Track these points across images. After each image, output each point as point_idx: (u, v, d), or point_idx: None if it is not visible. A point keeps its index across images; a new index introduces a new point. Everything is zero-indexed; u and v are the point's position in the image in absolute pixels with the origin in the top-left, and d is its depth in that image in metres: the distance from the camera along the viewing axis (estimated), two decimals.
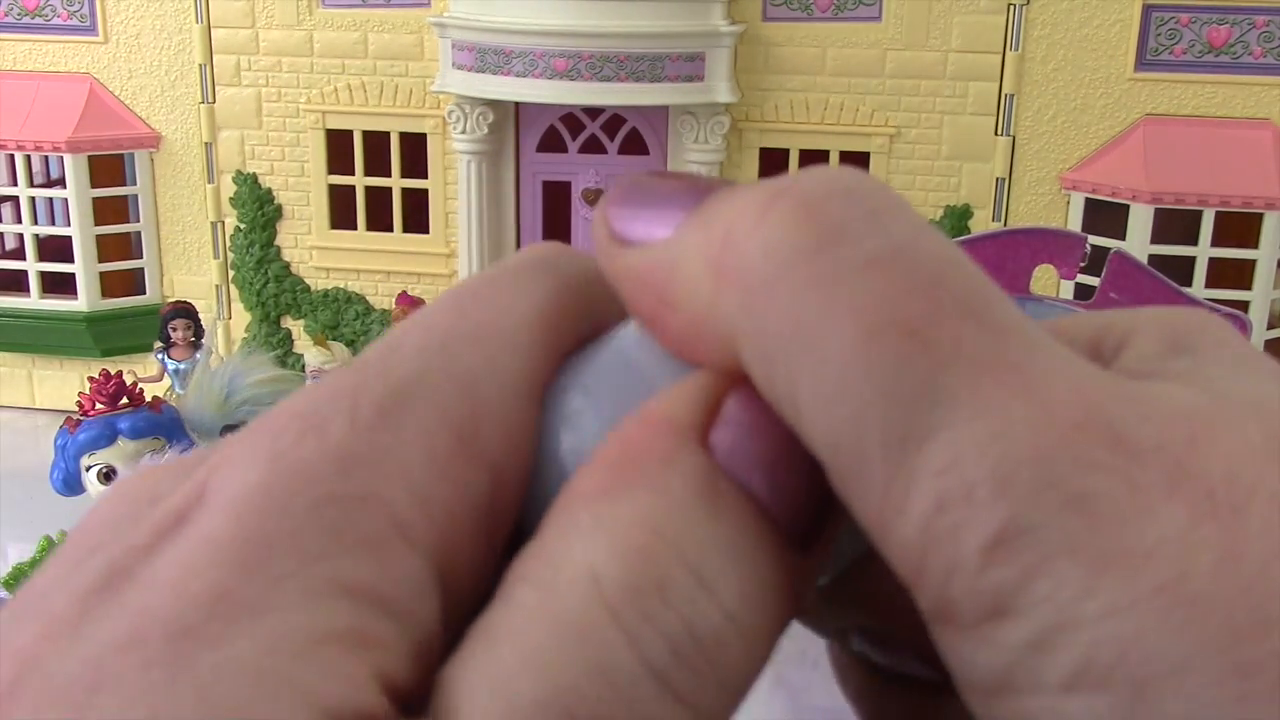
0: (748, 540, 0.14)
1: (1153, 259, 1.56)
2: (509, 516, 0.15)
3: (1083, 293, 1.40)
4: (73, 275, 1.86)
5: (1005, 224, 1.69)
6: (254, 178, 1.83)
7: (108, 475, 1.37)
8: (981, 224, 1.69)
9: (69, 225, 1.84)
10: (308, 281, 1.86)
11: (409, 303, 1.58)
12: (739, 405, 0.15)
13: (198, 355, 1.63)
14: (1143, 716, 0.12)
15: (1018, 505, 0.13)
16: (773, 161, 1.72)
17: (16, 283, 1.90)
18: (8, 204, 1.89)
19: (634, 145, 1.74)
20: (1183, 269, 1.58)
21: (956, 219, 1.69)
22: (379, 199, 1.82)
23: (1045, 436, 0.13)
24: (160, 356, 1.65)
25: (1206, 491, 0.13)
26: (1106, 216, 1.62)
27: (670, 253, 0.16)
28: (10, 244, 1.95)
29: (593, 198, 1.76)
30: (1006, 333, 0.14)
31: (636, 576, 0.14)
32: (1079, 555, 0.13)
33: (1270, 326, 1.65)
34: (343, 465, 0.14)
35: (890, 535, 0.14)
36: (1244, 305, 1.56)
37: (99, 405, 1.40)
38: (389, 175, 1.80)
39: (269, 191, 1.83)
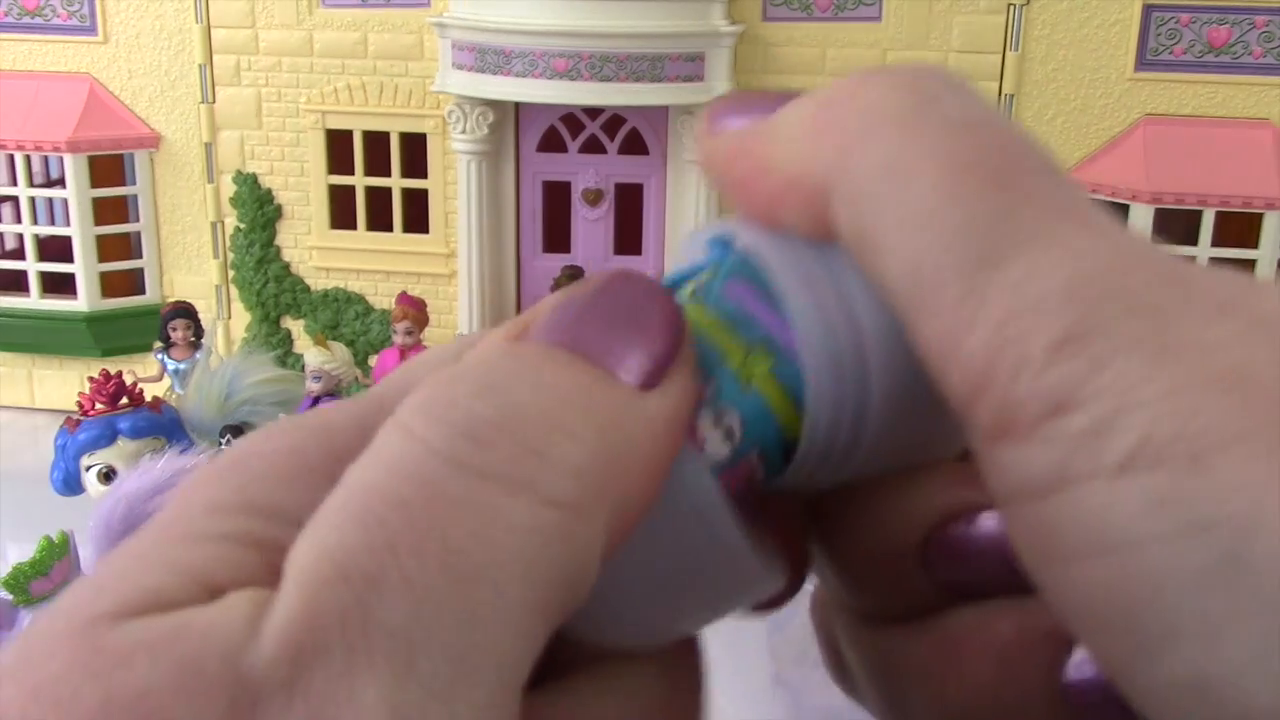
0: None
1: None
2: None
3: None
4: (73, 275, 1.86)
5: None
6: (254, 178, 1.83)
7: (108, 475, 1.37)
8: None
9: (69, 225, 1.84)
10: (308, 281, 1.86)
11: (409, 303, 1.58)
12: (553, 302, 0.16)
13: (198, 355, 1.63)
14: (1194, 488, 0.13)
15: (1085, 309, 0.14)
16: None
17: (16, 283, 1.89)
18: (8, 204, 1.89)
19: (634, 145, 1.74)
20: None
21: None
22: (379, 199, 1.82)
23: (1113, 261, 0.14)
24: (160, 356, 1.65)
25: (1259, 317, 0.14)
26: None
27: (771, 124, 0.17)
28: (10, 244, 1.95)
29: (593, 198, 1.76)
30: (1077, 193, 0.15)
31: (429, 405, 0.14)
32: (1142, 348, 0.14)
33: None
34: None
35: (958, 350, 0.14)
36: None
37: (99, 405, 1.40)
38: (389, 175, 1.80)
39: (269, 191, 1.83)
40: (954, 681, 0.19)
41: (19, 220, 1.87)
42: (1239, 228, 1.59)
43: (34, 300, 1.88)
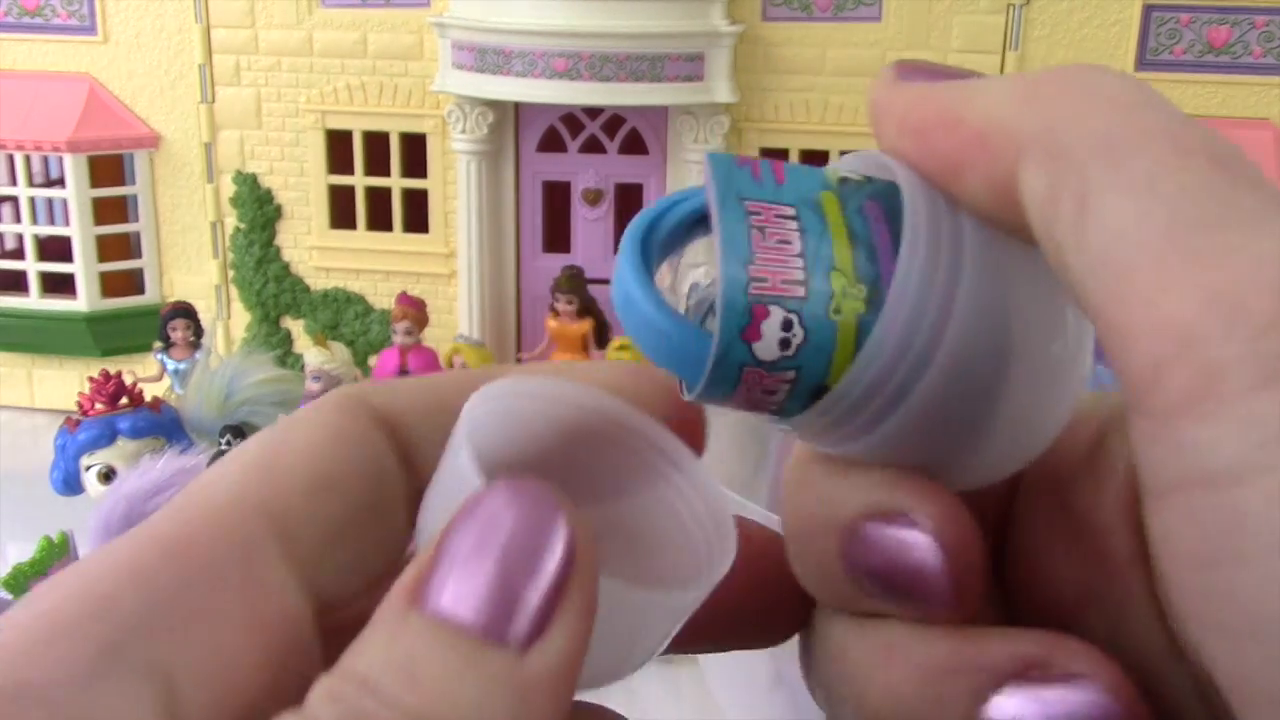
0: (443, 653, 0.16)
1: None
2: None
3: None
4: (73, 275, 1.86)
5: None
6: (254, 178, 1.83)
7: (108, 475, 1.37)
8: None
9: (69, 225, 1.84)
10: (307, 281, 1.86)
11: (409, 303, 1.58)
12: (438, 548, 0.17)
13: (198, 355, 1.63)
14: None
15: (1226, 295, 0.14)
16: None
17: (16, 283, 1.89)
18: (8, 204, 1.89)
19: (634, 145, 1.74)
20: None
21: None
22: (379, 199, 1.82)
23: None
24: (160, 356, 1.65)
25: None
26: None
27: (972, 84, 0.18)
28: (10, 244, 1.95)
29: (593, 198, 1.76)
30: (1260, 182, 0.16)
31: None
32: None
33: None
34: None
35: (1159, 309, 0.14)
36: None
37: (99, 405, 1.40)
38: (389, 175, 1.80)
39: (269, 191, 1.83)
40: (878, 688, 0.19)
41: (19, 220, 1.87)
42: None
43: (34, 300, 1.88)
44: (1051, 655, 0.17)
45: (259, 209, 1.83)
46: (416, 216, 1.82)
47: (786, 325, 0.18)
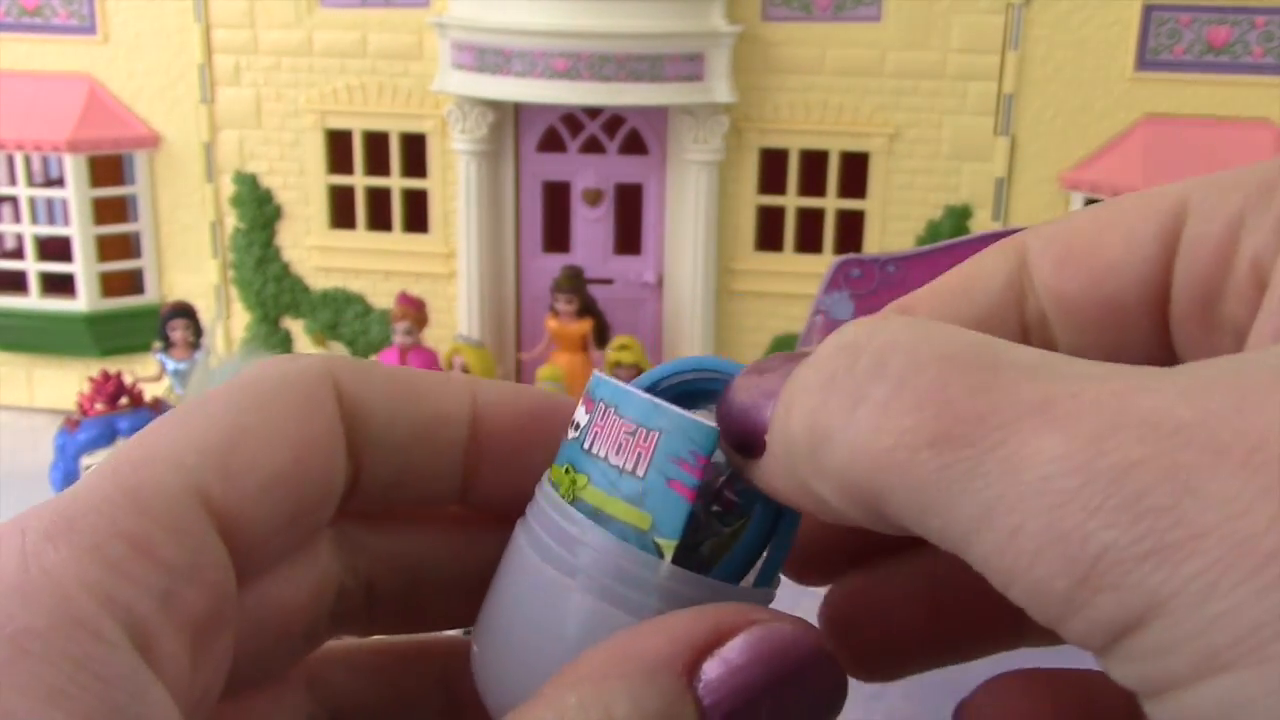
0: None
1: None
2: (202, 597, 0.18)
3: None
4: (73, 275, 1.86)
5: (1005, 224, 1.69)
6: (254, 178, 1.83)
7: None
8: (981, 224, 1.69)
9: (69, 225, 1.84)
10: (307, 281, 1.86)
11: (409, 303, 1.58)
12: (737, 649, 0.18)
13: (197, 355, 1.63)
14: (1262, 682, 0.13)
15: (1084, 542, 0.14)
16: (772, 161, 1.72)
17: (16, 283, 1.89)
18: (8, 204, 1.89)
19: (634, 145, 1.74)
20: None
21: (956, 219, 1.69)
22: (379, 199, 1.82)
23: (1096, 462, 0.14)
24: (160, 356, 1.65)
25: (1252, 448, 0.14)
26: None
27: (772, 446, 0.19)
28: (10, 244, 1.95)
29: (593, 198, 1.76)
30: (1005, 385, 0.15)
31: None
32: (1160, 561, 0.14)
33: None
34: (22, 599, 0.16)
35: (1012, 593, 0.15)
36: None
37: (99, 405, 1.40)
38: (389, 175, 1.80)
39: (269, 191, 1.83)
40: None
41: (19, 220, 1.87)
42: None
43: (34, 300, 1.88)
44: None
45: (259, 209, 1.83)
46: (416, 216, 1.82)
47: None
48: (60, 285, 1.88)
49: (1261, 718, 0.13)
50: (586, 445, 0.21)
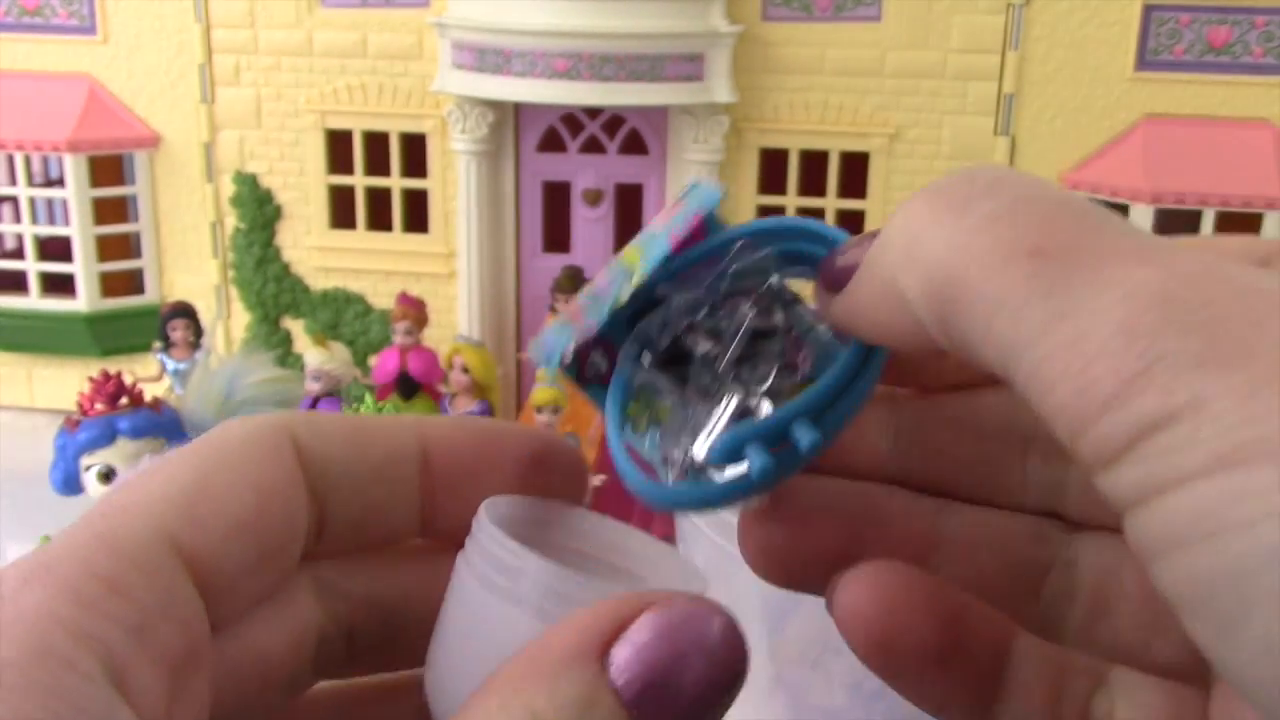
0: None
1: None
2: (175, 633, 0.19)
3: None
4: (73, 275, 1.86)
5: None
6: (254, 178, 1.83)
7: (108, 475, 1.37)
8: None
9: (69, 225, 1.84)
10: (307, 281, 1.86)
11: (409, 303, 1.58)
12: (641, 629, 0.19)
13: (198, 355, 1.63)
14: (1266, 481, 0.15)
15: (1145, 343, 0.16)
16: (772, 161, 1.72)
17: (16, 283, 1.89)
18: (8, 204, 1.89)
19: (634, 145, 1.74)
20: None
21: None
22: (379, 199, 1.82)
23: (1163, 287, 0.16)
24: (160, 356, 1.65)
25: None
26: None
27: (867, 263, 0.21)
28: (10, 244, 1.95)
29: (593, 198, 1.76)
30: (1110, 232, 0.17)
31: None
32: (1203, 366, 0.15)
33: None
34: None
35: (1051, 400, 0.17)
36: None
37: (99, 405, 1.40)
38: (389, 175, 1.80)
39: (269, 191, 1.83)
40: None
41: (19, 220, 1.87)
42: (1239, 228, 1.59)
43: (33, 300, 1.88)
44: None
45: (259, 209, 1.83)
46: (416, 216, 1.82)
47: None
48: (60, 285, 1.88)
49: (1262, 509, 0.14)
50: (650, 223, 0.24)
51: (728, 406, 0.24)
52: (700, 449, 0.23)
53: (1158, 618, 0.22)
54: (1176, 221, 1.59)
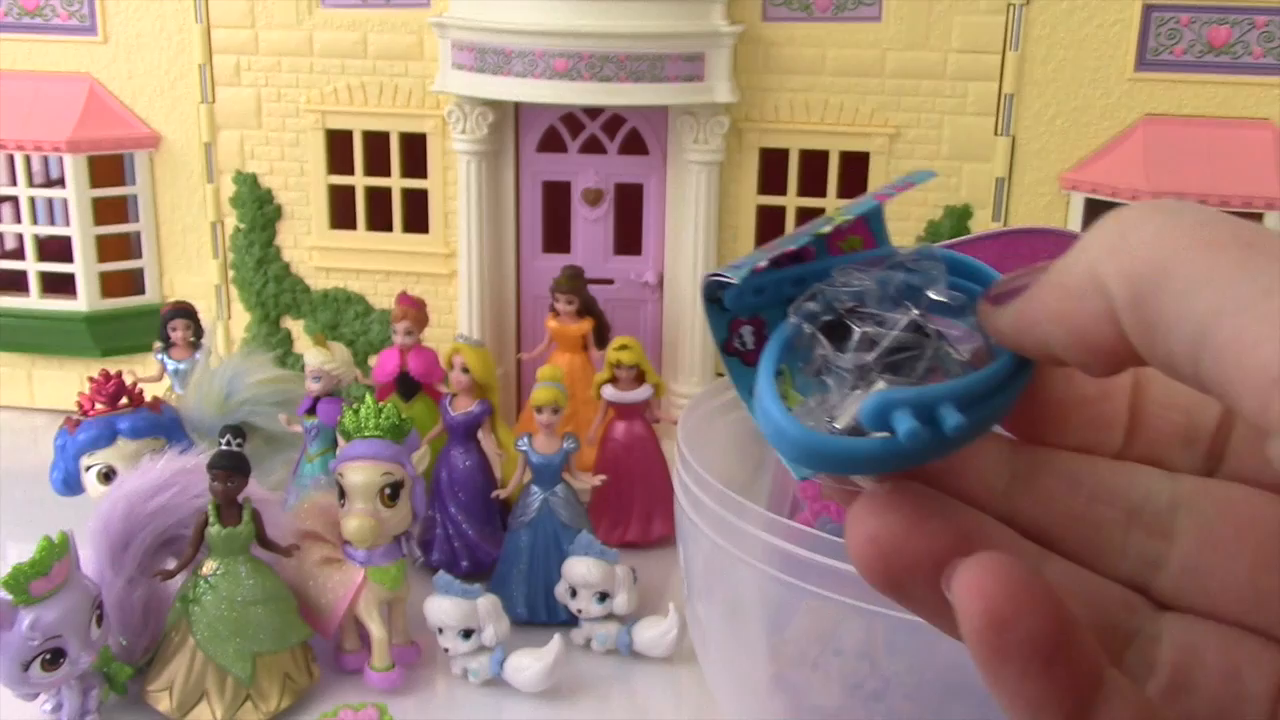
0: None
1: None
2: None
3: None
4: (72, 275, 1.86)
5: (1005, 224, 1.69)
6: (254, 178, 1.83)
7: (108, 475, 1.37)
8: (981, 224, 1.69)
9: (69, 225, 1.84)
10: (308, 281, 1.86)
11: (409, 303, 1.58)
12: None
13: (198, 355, 1.63)
14: None
15: None
16: (773, 161, 1.72)
17: (16, 283, 1.90)
18: (8, 204, 1.89)
19: (634, 145, 1.74)
20: None
21: (956, 219, 1.69)
22: (379, 199, 1.82)
23: None
24: (160, 356, 1.65)
25: None
26: None
27: (1052, 272, 0.24)
28: (10, 244, 1.95)
29: (593, 198, 1.76)
30: None
31: None
32: None
33: None
34: None
35: (1244, 374, 0.18)
36: None
37: (99, 405, 1.40)
38: (389, 175, 1.80)
39: (269, 191, 1.83)
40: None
41: (19, 220, 1.87)
42: None
43: (33, 300, 1.88)
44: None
45: (259, 209, 1.83)
46: (416, 216, 1.82)
47: None
48: (60, 285, 1.88)
49: None
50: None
51: (878, 385, 0.25)
52: (851, 414, 0.25)
53: (1238, 702, 0.23)
54: None
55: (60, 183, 1.86)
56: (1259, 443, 0.19)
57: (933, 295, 0.27)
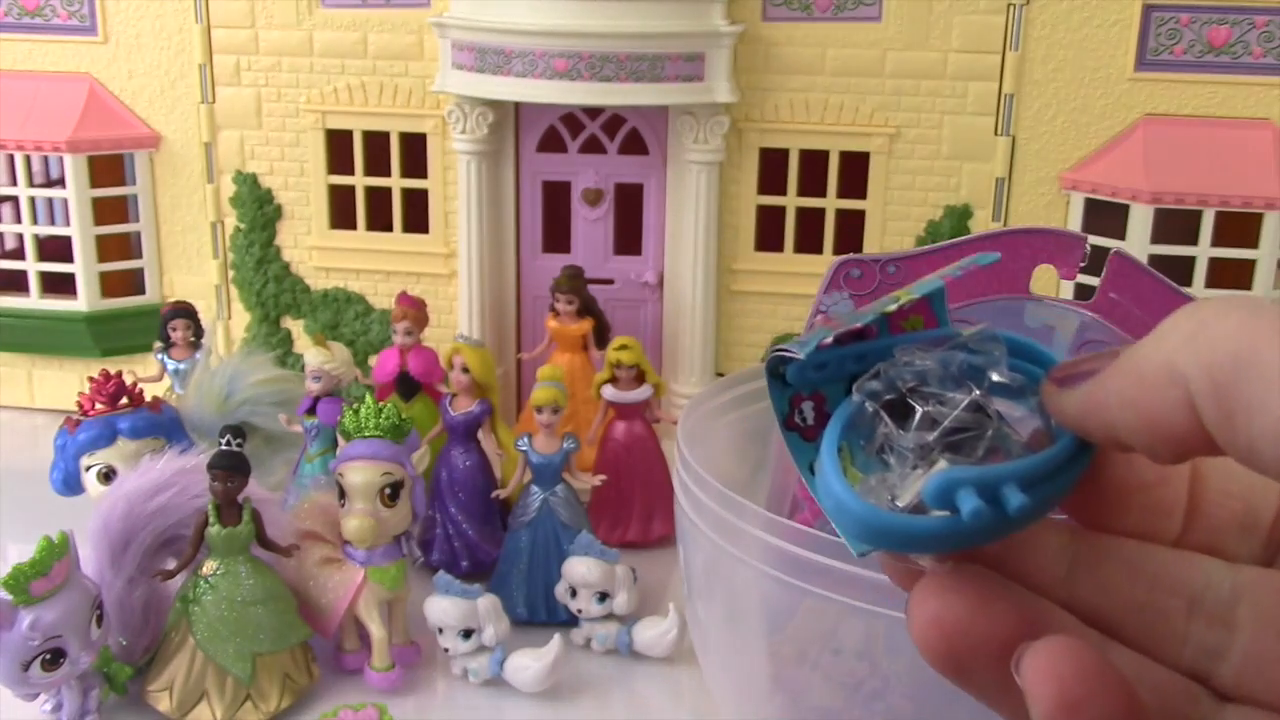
0: None
1: (1153, 259, 1.56)
2: None
3: (1083, 293, 1.40)
4: (73, 275, 1.86)
5: (1005, 224, 1.69)
6: (254, 178, 1.83)
7: (108, 475, 1.37)
8: (981, 224, 1.69)
9: (69, 225, 1.84)
10: (308, 281, 1.86)
11: (409, 303, 1.58)
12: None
13: (198, 355, 1.63)
14: None
15: None
16: (773, 161, 1.72)
17: (16, 283, 1.90)
18: (8, 204, 1.89)
19: (634, 145, 1.74)
20: (1183, 269, 1.58)
21: (956, 219, 1.69)
22: (379, 199, 1.82)
23: None
24: (160, 356, 1.65)
25: None
26: (1106, 216, 1.62)
27: (1124, 360, 0.24)
28: (10, 244, 1.95)
29: (592, 198, 1.76)
30: None
31: None
32: None
33: None
34: None
35: None
36: None
37: (99, 405, 1.40)
38: (389, 175, 1.80)
39: (269, 191, 1.83)
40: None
41: (19, 220, 1.87)
42: (1239, 228, 1.59)
43: (33, 300, 1.88)
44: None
45: (259, 209, 1.83)
46: (416, 216, 1.82)
47: None
48: (60, 285, 1.88)
49: None
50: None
51: (939, 465, 0.26)
52: (913, 493, 0.25)
53: None
54: (1176, 221, 1.60)
55: (60, 183, 1.86)
56: None
57: (994, 377, 0.27)
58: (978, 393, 0.27)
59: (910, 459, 0.27)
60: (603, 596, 1.30)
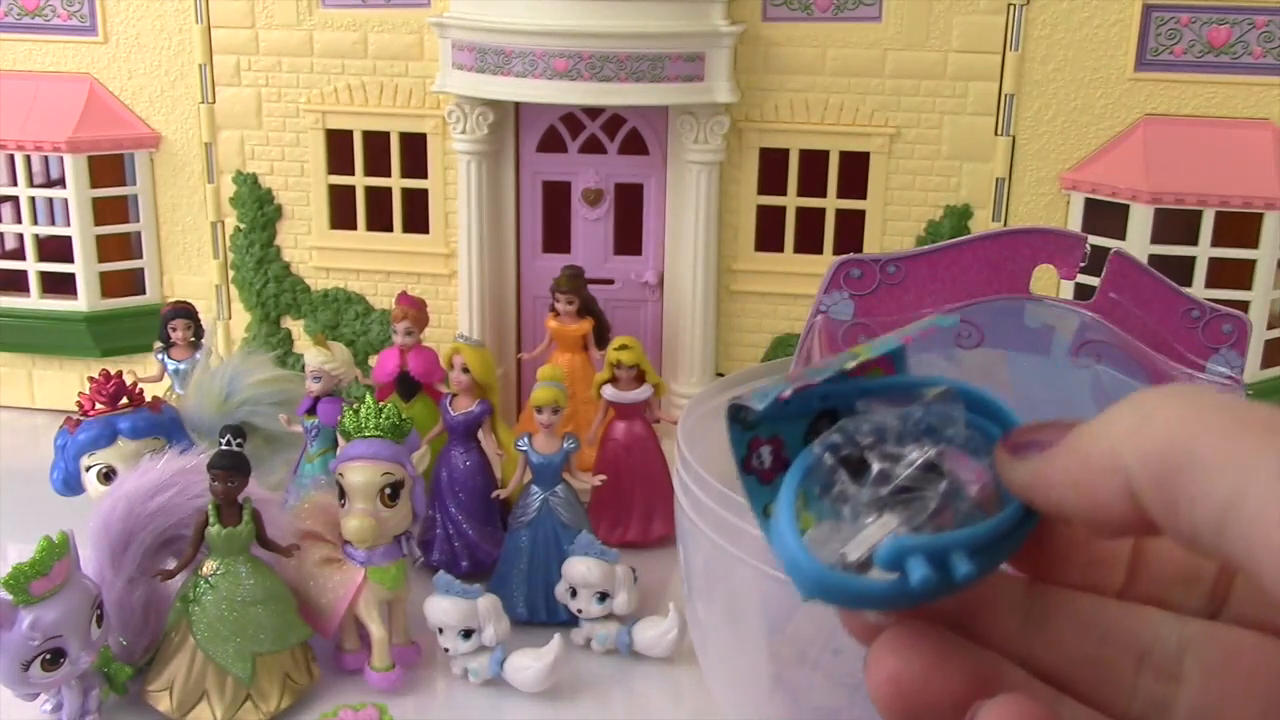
0: None
1: (1153, 259, 1.56)
2: None
3: (1083, 293, 1.40)
4: (73, 275, 1.86)
5: (1005, 224, 1.69)
6: (254, 178, 1.83)
7: (108, 475, 1.37)
8: (981, 224, 1.69)
9: (69, 225, 1.84)
10: (308, 281, 1.86)
11: (409, 303, 1.58)
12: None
13: (198, 355, 1.63)
14: None
15: None
16: (773, 161, 1.72)
17: (16, 283, 1.90)
18: (8, 204, 1.89)
19: (634, 145, 1.74)
20: (1183, 269, 1.58)
21: (956, 219, 1.69)
22: (379, 199, 1.82)
23: None
24: (160, 356, 1.65)
25: None
26: (1106, 216, 1.62)
27: (1073, 439, 0.25)
28: (10, 244, 1.95)
29: (592, 198, 1.76)
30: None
31: None
32: None
33: (1270, 326, 1.65)
34: None
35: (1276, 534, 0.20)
36: (1244, 305, 1.56)
37: (99, 405, 1.40)
38: (389, 175, 1.80)
39: (269, 191, 1.83)
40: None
41: (19, 220, 1.87)
42: (1239, 228, 1.59)
43: (33, 300, 1.88)
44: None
45: (259, 209, 1.83)
46: (416, 216, 1.82)
47: None
48: (60, 285, 1.88)
49: None
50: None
51: (889, 521, 0.27)
52: (864, 548, 0.27)
53: None
54: (1176, 221, 1.60)
55: (60, 183, 1.86)
56: (1261, 591, 0.21)
57: (949, 434, 0.28)
58: (932, 452, 0.28)
59: (863, 512, 0.28)
60: (603, 596, 1.30)
